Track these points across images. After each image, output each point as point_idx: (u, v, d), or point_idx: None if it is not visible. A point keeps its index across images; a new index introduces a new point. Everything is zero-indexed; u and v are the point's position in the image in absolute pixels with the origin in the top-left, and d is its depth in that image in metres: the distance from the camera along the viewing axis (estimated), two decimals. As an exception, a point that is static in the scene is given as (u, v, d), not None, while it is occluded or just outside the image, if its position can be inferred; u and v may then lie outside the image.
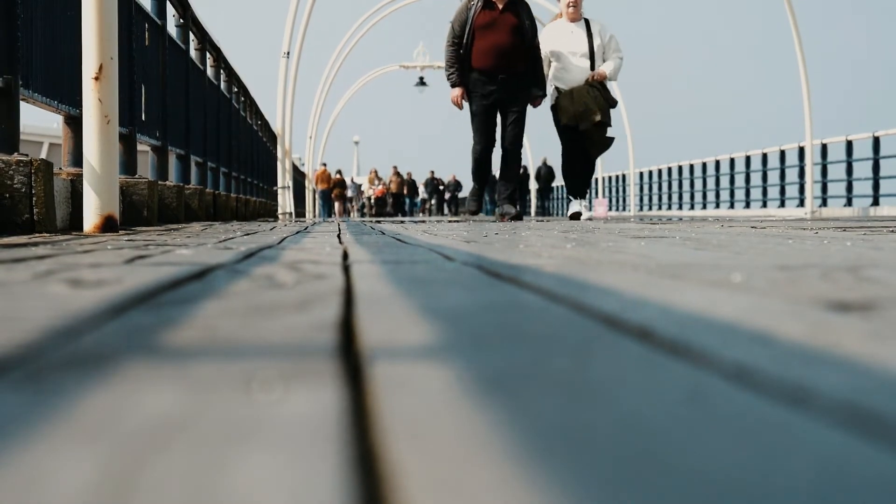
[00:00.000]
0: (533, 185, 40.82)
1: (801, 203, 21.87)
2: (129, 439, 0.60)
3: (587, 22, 10.50)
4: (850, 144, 20.85)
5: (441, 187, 47.71)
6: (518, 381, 0.79)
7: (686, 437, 0.61)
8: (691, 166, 30.55)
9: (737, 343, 0.98)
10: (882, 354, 0.92)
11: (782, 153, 23.91)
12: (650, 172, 34.32)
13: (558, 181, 40.72)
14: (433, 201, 47.53)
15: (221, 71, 13.64)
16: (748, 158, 26.03)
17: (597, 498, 0.49)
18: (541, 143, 41.84)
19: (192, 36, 11.07)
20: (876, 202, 19.59)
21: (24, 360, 0.88)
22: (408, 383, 0.76)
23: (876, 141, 19.74)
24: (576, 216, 10.67)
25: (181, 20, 10.37)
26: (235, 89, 15.51)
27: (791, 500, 0.49)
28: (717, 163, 28.29)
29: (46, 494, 0.50)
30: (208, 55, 12.34)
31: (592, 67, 10.33)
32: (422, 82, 41.59)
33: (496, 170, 10.59)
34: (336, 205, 41.59)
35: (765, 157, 25.21)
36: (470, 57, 9.95)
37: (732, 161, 27.27)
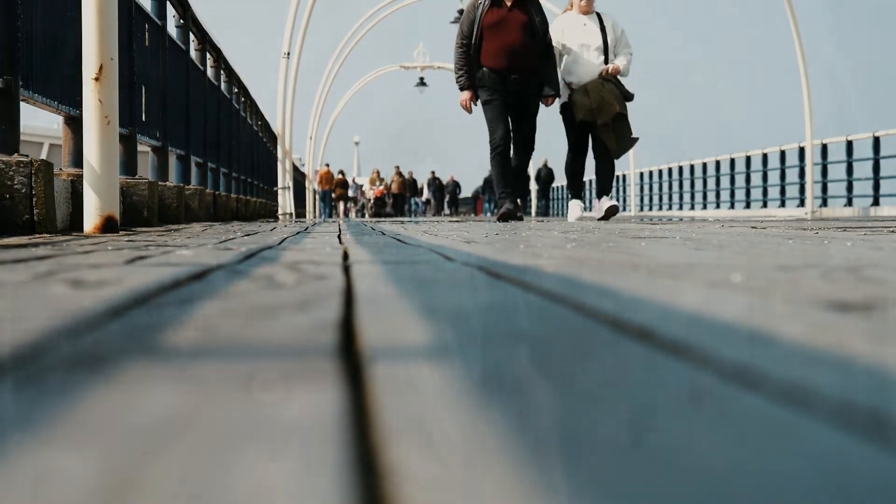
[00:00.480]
0: (533, 186, 40.82)
1: (802, 203, 21.87)
2: (129, 440, 0.60)
3: (599, 16, 10.15)
4: (850, 144, 20.86)
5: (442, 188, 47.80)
6: (518, 381, 0.79)
7: (686, 437, 0.61)
8: (692, 166, 30.56)
9: (737, 343, 0.98)
10: (882, 354, 0.92)
11: (782, 153, 23.91)
12: (650, 173, 34.32)
13: (558, 182, 40.74)
14: (433, 201, 47.59)
15: (221, 71, 13.64)
16: (748, 158, 26.04)
17: (597, 498, 0.49)
18: (541, 144, 41.77)
19: (192, 36, 11.06)
20: (876, 202, 19.60)
21: (25, 360, 0.88)
22: (408, 383, 0.76)
23: (876, 141, 19.75)
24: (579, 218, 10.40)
25: (181, 21, 10.37)
26: (235, 90, 15.50)
27: (791, 500, 0.49)
28: (718, 163, 28.30)
29: (48, 495, 0.50)
30: (208, 56, 12.33)
31: (606, 62, 10.00)
32: (422, 83, 41.59)
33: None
34: (339, 205, 41.70)
35: (765, 157, 25.22)
36: (479, 57, 9.62)
37: (733, 161, 27.27)
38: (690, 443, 0.59)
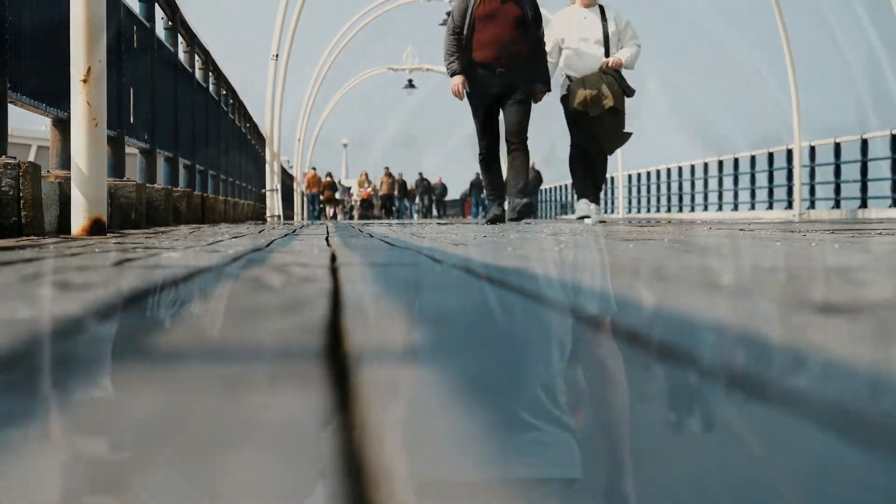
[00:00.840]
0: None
1: (790, 205, 21.92)
2: (116, 442, 0.60)
3: (601, 8, 9.95)
4: (837, 147, 20.92)
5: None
6: (505, 382, 0.79)
7: (678, 439, 0.61)
8: (679, 168, 30.62)
9: (725, 345, 0.98)
10: (870, 356, 0.92)
11: (770, 155, 23.98)
12: (638, 175, 34.37)
13: (545, 185, 40.72)
14: (421, 204, 47.58)
15: (210, 73, 13.62)
16: (736, 161, 26.10)
17: (589, 499, 0.49)
18: (531, 146, 41.76)
19: (180, 38, 11.05)
20: (864, 204, 19.66)
21: (12, 363, 0.88)
22: (395, 385, 0.76)
23: (864, 143, 19.81)
24: (582, 218, 10.14)
25: (170, 23, 10.35)
26: (224, 92, 15.48)
27: (782, 501, 0.49)
28: (706, 165, 28.36)
29: (39, 496, 0.49)
30: (197, 57, 12.32)
31: (607, 55, 9.76)
32: (410, 85, 41.57)
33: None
34: (328, 208, 41.68)
35: (753, 159, 25.28)
36: (470, 48, 9.38)
37: (721, 163, 27.33)
38: (682, 445, 0.59)
